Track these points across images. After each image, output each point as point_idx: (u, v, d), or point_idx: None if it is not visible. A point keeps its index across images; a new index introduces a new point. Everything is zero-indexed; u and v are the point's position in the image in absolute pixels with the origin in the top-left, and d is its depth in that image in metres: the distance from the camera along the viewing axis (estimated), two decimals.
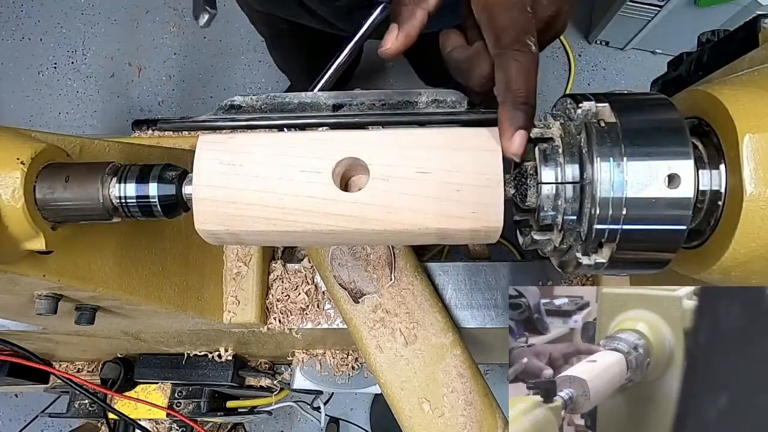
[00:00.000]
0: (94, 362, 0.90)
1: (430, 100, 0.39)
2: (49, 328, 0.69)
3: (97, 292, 0.48)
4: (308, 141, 0.37)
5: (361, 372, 0.84)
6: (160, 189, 0.39)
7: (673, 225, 0.33)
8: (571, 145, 0.36)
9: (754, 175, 0.32)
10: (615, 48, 1.80)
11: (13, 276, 0.41)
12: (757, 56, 0.44)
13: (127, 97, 1.89)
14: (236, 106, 0.40)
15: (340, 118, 0.39)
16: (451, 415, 0.62)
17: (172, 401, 0.82)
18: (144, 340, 0.76)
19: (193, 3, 0.59)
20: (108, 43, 1.93)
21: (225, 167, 0.36)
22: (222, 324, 0.67)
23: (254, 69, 1.87)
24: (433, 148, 0.36)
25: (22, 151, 0.37)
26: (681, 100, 0.38)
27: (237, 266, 0.68)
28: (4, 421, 1.72)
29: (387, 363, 0.64)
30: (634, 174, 0.33)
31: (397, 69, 1.82)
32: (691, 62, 0.56)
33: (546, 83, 1.81)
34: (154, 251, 0.55)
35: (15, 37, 1.95)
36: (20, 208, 0.36)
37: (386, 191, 0.35)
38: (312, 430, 1.67)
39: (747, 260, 0.33)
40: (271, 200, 0.36)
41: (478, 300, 0.70)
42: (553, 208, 0.36)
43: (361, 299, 0.66)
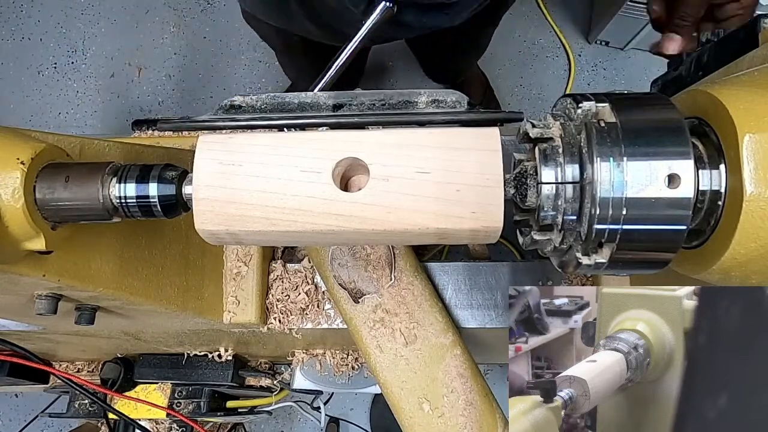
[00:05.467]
0: (94, 362, 0.90)
1: (430, 100, 0.39)
2: (49, 328, 0.69)
3: (97, 292, 0.48)
4: (308, 141, 0.37)
5: (361, 372, 0.84)
6: (160, 189, 0.39)
7: (673, 225, 0.33)
8: (571, 145, 0.36)
9: (754, 175, 0.32)
10: (615, 48, 1.80)
11: (13, 276, 0.41)
12: (757, 56, 0.44)
13: (127, 97, 1.89)
14: (236, 106, 0.40)
15: (340, 118, 0.39)
16: (451, 415, 0.62)
17: (172, 401, 0.82)
18: (144, 340, 0.76)
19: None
20: (108, 43, 1.93)
21: (225, 167, 0.36)
22: (222, 324, 0.67)
23: (254, 69, 1.87)
24: (433, 148, 0.36)
25: (22, 151, 0.37)
26: (681, 100, 0.38)
27: (237, 266, 0.68)
28: (4, 421, 1.72)
29: (387, 363, 0.64)
30: (634, 174, 0.33)
31: (397, 69, 1.83)
32: (691, 62, 0.56)
33: (546, 83, 1.81)
34: (154, 251, 0.55)
35: (15, 37, 1.95)
36: (20, 208, 0.36)
37: (386, 191, 0.35)
38: (312, 430, 1.67)
39: (747, 260, 0.33)
40: (271, 200, 0.36)
41: (478, 300, 0.70)
42: (553, 208, 0.36)
43: (361, 299, 0.66)
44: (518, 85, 1.81)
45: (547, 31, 1.84)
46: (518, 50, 1.83)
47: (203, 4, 1.93)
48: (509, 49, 1.82)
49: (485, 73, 1.75)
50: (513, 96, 1.81)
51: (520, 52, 1.83)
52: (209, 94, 1.86)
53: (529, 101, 1.80)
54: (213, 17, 1.92)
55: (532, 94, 1.81)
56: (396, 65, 1.82)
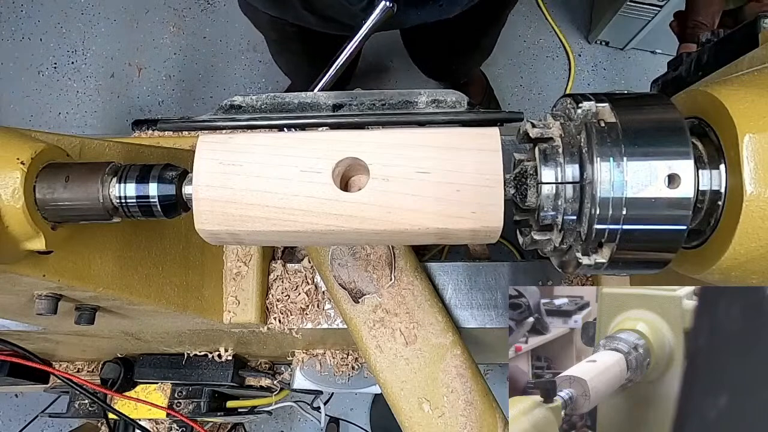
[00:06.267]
0: (94, 362, 0.90)
1: (430, 100, 0.39)
2: (49, 328, 0.69)
3: (97, 292, 0.48)
4: (308, 141, 0.37)
5: (361, 372, 0.84)
6: (160, 189, 0.39)
7: (673, 225, 0.33)
8: (571, 145, 0.35)
9: (754, 175, 0.32)
10: (615, 48, 1.80)
11: (13, 276, 0.41)
12: (757, 56, 0.44)
13: (127, 97, 1.89)
14: (236, 106, 0.40)
15: (340, 118, 0.39)
16: (451, 415, 0.62)
17: (172, 401, 0.82)
18: (144, 340, 0.76)
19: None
20: (108, 43, 1.93)
21: (225, 167, 0.36)
22: (222, 324, 0.67)
23: (254, 69, 1.87)
24: (433, 148, 0.36)
25: (22, 151, 0.37)
26: (681, 100, 0.38)
27: (237, 266, 0.68)
28: (4, 421, 1.72)
29: (387, 363, 0.64)
30: (634, 174, 0.33)
31: (397, 69, 1.82)
32: (691, 62, 0.56)
33: (546, 83, 1.81)
34: (154, 251, 0.55)
35: (15, 37, 1.95)
36: (20, 208, 0.36)
37: (386, 191, 0.35)
38: (312, 430, 1.67)
39: (747, 260, 0.33)
40: (271, 200, 0.36)
41: (478, 300, 0.70)
42: (553, 208, 0.36)
43: (361, 299, 0.66)
44: (518, 85, 1.81)
45: (547, 31, 1.84)
46: (518, 50, 1.83)
47: (203, 4, 1.93)
48: (509, 49, 1.82)
49: (485, 73, 1.75)
50: (513, 96, 1.81)
51: (520, 52, 1.83)
52: (209, 94, 1.86)
53: (529, 101, 1.80)
54: (213, 17, 1.92)
55: (532, 94, 1.81)
56: (396, 65, 1.82)
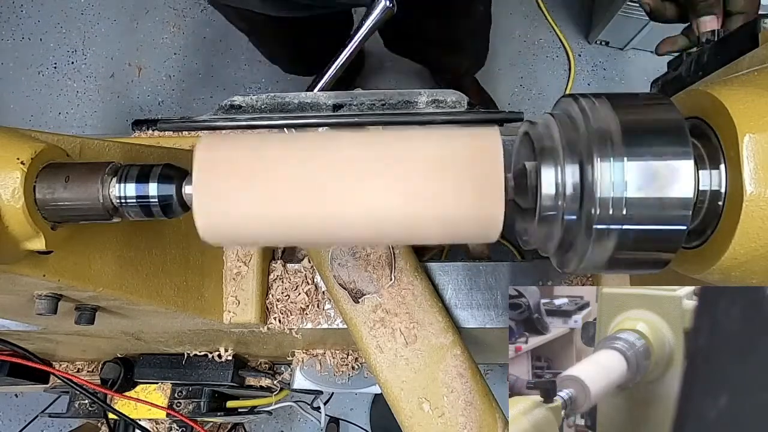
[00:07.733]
0: (94, 362, 0.90)
1: (430, 100, 0.39)
2: (49, 328, 0.69)
3: (97, 292, 0.48)
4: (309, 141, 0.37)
5: (361, 372, 0.84)
6: (160, 189, 0.39)
7: (673, 225, 0.33)
8: (571, 145, 0.35)
9: (754, 175, 0.32)
10: (615, 48, 1.80)
11: (13, 276, 0.41)
12: (757, 56, 0.44)
13: (127, 97, 1.89)
14: (236, 106, 0.40)
15: (340, 118, 0.39)
16: (451, 415, 0.62)
17: (172, 401, 0.82)
18: (144, 340, 0.76)
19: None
20: (108, 43, 1.93)
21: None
22: (222, 324, 0.67)
23: (254, 69, 1.87)
24: (433, 148, 0.36)
25: (22, 151, 0.37)
26: (681, 100, 0.38)
27: (237, 266, 0.68)
28: (4, 421, 1.73)
29: (387, 363, 0.64)
30: (634, 174, 0.33)
31: (397, 69, 1.82)
32: (691, 62, 0.56)
33: (546, 83, 1.81)
34: (154, 251, 0.55)
35: (15, 37, 1.95)
36: (20, 208, 0.36)
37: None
38: (312, 430, 1.67)
39: (747, 260, 0.33)
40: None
41: (478, 300, 0.70)
42: (553, 208, 0.36)
43: (361, 299, 0.66)
44: (518, 85, 1.81)
45: (547, 31, 1.84)
46: (518, 50, 1.83)
47: (203, 4, 1.93)
48: (509, 49, 1.82)
49: (484, 73, 1.75)
50: (513, 96, 1.81)
51: (520, 52, 1.83)
52: (209, 94, 1.86)
53: (529, 101, 1.80)
54: (213, 17, 1.92)
55: (532, 94, 1.81)
56: (396, 65, 1.82)
